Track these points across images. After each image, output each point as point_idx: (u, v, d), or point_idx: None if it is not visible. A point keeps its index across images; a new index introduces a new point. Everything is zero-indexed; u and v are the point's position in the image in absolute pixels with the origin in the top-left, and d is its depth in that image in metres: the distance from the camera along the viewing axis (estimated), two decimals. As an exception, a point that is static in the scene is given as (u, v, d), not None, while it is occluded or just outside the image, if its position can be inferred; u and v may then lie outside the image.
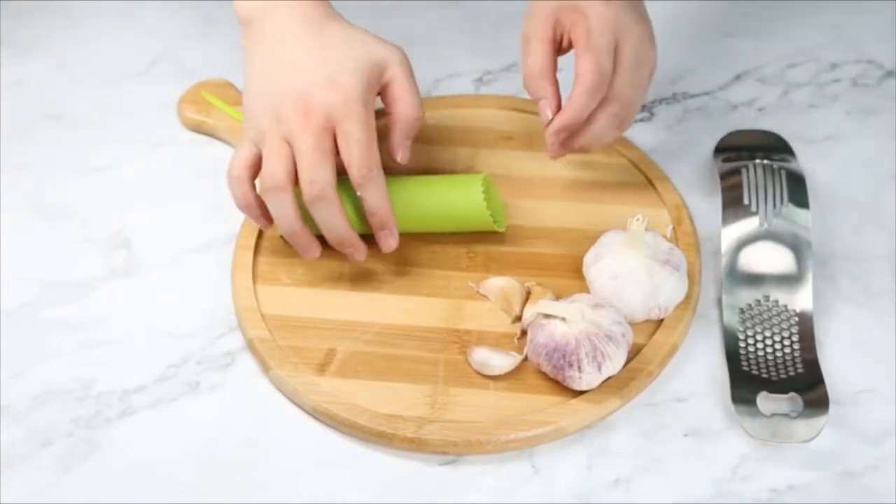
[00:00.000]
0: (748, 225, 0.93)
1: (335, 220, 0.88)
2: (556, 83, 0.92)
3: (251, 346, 0.89)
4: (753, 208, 0.93)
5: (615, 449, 0.83)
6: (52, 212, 1.00)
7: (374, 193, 0.88)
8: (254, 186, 0.90)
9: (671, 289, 0.88)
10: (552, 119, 0.92)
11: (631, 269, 0.87)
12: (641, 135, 1.04)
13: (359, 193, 0.88)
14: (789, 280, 0.90)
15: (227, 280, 0.93)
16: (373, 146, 0.87)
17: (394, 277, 0.93)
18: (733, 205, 0.94)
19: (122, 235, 0.98)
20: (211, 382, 0.88)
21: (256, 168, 0.89)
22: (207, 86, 1.08)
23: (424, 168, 1.00)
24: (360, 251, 0.90)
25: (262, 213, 0.90)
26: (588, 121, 0.92)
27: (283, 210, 0.87)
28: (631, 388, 0.85)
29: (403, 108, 0.90)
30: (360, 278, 0.92)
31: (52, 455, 0.84)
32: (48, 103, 1.10)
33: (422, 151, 1.02)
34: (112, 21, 1.18)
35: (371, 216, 0.89)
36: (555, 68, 0.93)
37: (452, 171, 1.00)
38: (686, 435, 0.84)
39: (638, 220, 0.87)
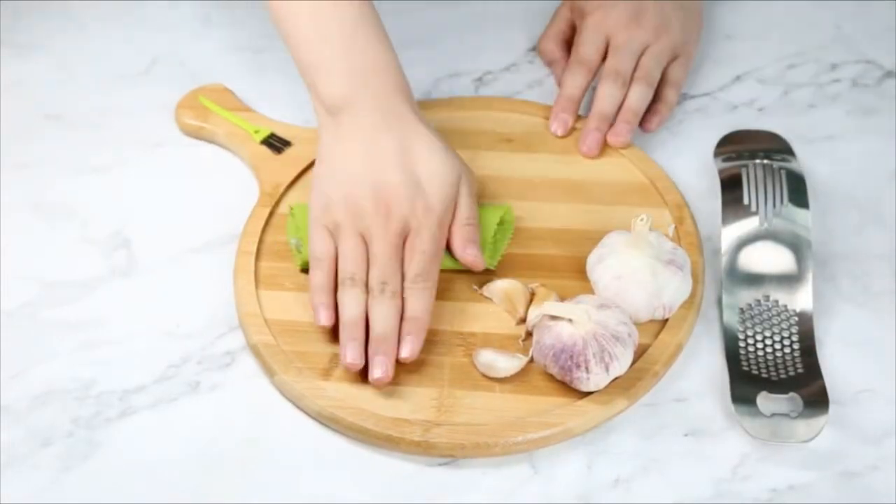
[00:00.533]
0: (748, 225, 0.93)
1: (391, 318, 0.87)
2: (566, 48, 1.08)
3: (255, 351, 0.88)
4: (753, 208, 0.93)
5: (615, 449, 0.83)
6: (52, 212, 1.00)
7: (419, 302, 0.87)
8: (333, 270, 0.89)
9: (675, 288, 0.88)
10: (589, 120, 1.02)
11: (635, 269, 0.87)
12: (642, 135, 1.04)
13: (405, 295, 0.88)
14: (789, 280, 0.90)
15: (227, 280, 0.93)
16: (436, 261, 0.89)
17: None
18: (733, 205, 0.94)
19: (122, 235, 0.98)
20: (211, 382, 0.88)
21: (335, 257, 0.89)
22: (205, 91, 1.08)
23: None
24: (388, 369, 0.86)
25: (329, 303, 0.88)
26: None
27: (351, 303, 0.87)
28: (637, 388, 0.85)
29: (459, 218, 0.91)
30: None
31: (52, 455, 0.84)
32: (48, 103, 1.10)
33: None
34: (112, 21, 1.18)
35: (406, 320, 0.87)
36: (568, 39, 1.08)
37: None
38: (686, 435, 0.84)
39: (641, 220, 0.87)
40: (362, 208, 0.88)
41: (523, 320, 0.89)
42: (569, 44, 1.10)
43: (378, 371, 0.84)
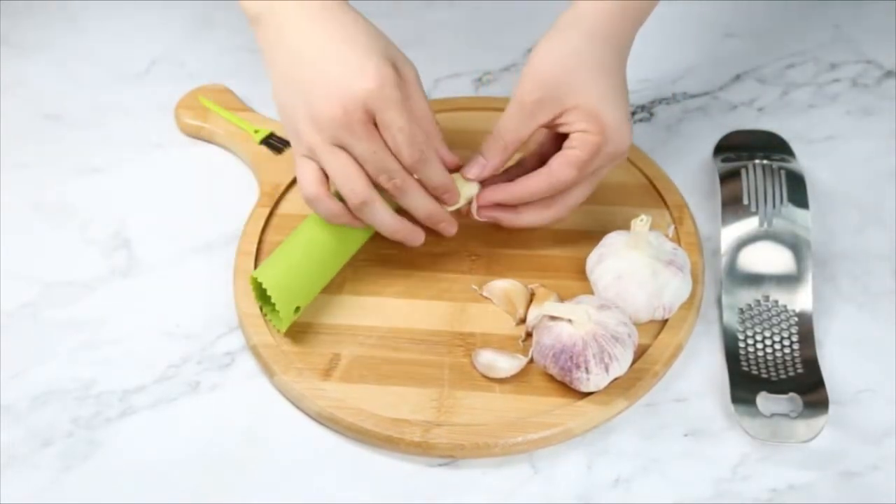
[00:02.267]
0: (748, 225, 0.93)
1: (423, 202, 0.88)
2: (511, 156, 0.91)
3: (255, 351, 0.88)
4: (753, 208, 0.93)
5: (615, 449, 0.83)
6: (52, 212, 1.00)
7: (432, 173, 0.87)
8: (334, 198, 0.88)
9: (675, 289, 0.88)
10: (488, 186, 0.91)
11: (634, 269, 0.87)
12: (641, 135, 1.04)
13: (416, 176, 0.87)
14: (789, 280, 0.90)
15: (227, 280, 0.93)
16: (415, 129, 0.86)
17: (397, 281, 0.93)
18: (733, 205, 0.94)
19: (122, 236, 0.98)
20: (211, 382, 0.88)
21: (325, 180, 0.87)
22: (205, 91, 1.08)
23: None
24: (452, 224, 0.91)
25: (353, 217, 0.88)
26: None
27: (381, 217, 0.87)
28: (637, 388, 0.85)
29: (429, 127, 0.88)
30: (363, 282, 0.92)
31: (52, 455, 0.84)
32: (48, 103, 1.10)
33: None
34: (112, 21, 1.18)
35: (433, 190, 0.88)
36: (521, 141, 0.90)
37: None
38: (686, 435, 0.84)
39: (641, 220, 0.87)
40: (320, 120, 0.84)
41: (523, 321, 0.89)
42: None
43: (450, 230, 0.91)
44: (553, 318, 0.84)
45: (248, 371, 0.89)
